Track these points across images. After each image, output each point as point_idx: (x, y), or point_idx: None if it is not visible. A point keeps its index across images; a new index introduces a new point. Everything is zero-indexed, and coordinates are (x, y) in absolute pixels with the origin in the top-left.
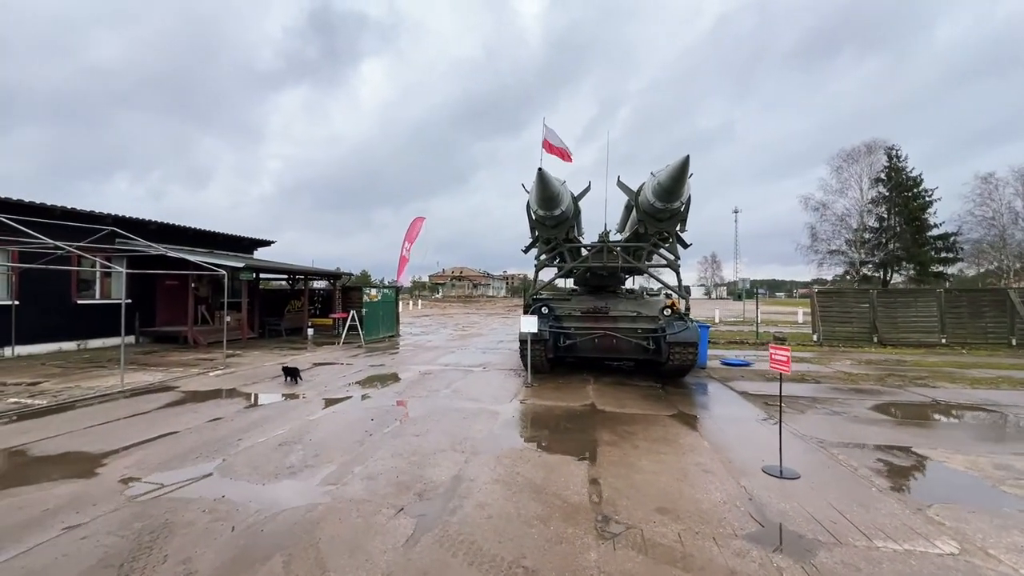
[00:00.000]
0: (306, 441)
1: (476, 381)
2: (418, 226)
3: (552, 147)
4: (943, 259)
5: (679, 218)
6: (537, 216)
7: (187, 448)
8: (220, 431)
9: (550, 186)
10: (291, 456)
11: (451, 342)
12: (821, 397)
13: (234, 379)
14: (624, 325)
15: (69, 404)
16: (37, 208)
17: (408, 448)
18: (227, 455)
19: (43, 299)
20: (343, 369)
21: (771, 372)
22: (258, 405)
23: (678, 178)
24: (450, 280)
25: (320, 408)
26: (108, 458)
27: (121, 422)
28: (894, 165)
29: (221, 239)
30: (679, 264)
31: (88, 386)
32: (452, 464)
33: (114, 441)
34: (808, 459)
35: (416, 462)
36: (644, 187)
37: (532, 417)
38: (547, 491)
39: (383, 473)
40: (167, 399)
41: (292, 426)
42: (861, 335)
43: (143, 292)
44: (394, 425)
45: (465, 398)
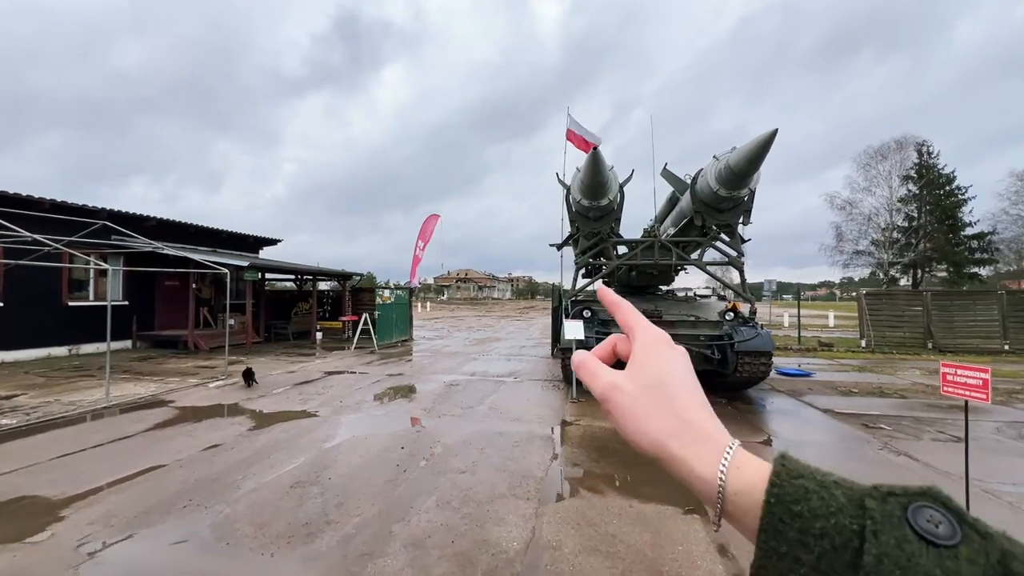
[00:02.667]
0: (324, 480)
1: (511, 395)
2: (432, 224)
3: (576, 137)
4: (978, 260)
5: (743, 208)
6: (580, 207)
7: (174, 491)
8: (217, 464)
9: (602, 170)
10: (307, 505)
11: (470, 347)
12: (924, 417)
13: (237, 391)
14: (683, 332)
15: (41, 425)
16: (24, 200)
17: (456, 492)
18: (225, 502)
19: (31, 300)
20: (358, 379)
21: (842, 384)
22: (264, 426)
23: (756, 159)
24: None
25: (337, 431)
26: (69, 507)
27: (98, 450)
28: (925, 162)
29: (224, 237)
30: (743, 261)
31: (69, 400)
32: (520, 519)
33: (83, 479)
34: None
35: (472, 516)
36: (703, 173)
37: (594, 444)
38: (666, 569)
39: (431, 535)
40: (158, 417)
41: (306, 457)
42: (914, 340)
43: (141, 293)
44: (430, 455)
45: (506, 417)
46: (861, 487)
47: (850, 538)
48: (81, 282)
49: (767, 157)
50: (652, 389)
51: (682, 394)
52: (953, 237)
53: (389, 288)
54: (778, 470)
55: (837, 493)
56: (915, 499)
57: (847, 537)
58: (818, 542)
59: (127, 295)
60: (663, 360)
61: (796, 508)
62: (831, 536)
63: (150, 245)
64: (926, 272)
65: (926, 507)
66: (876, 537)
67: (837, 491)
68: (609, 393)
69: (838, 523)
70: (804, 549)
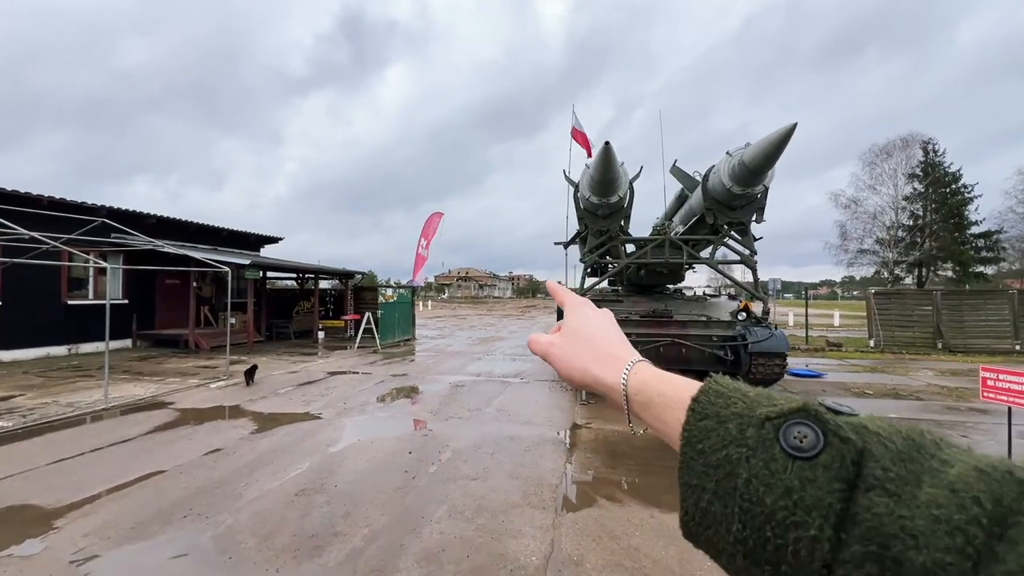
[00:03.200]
0: (330, 488)
1: (519, 396)
2: (435, 222)
3: (580, 136)
4: (984, 259)
5: (756, 205)
6: (589, 205)
7: (174, 499)
8: (219, 470)
9: (613, 166)
10: (313, 515)
11: (473, 347)
12: (944, 420)
13: (239, 392)
14: (695, 332)
15: (38, 427)
16: (22, 198)
17: (469, 501)
18: (227, 511)
19: (29, 299)
20: (361, 380)
21: (855, 385)
22: (267, 430)
23: (773, 154)
24: (456, 281)
25: (342, 434)
26: (64, 517)
27: (95, 455)
28: (931, 160)
29: (225, 235)
30: (756, 260)
31: (68, 402)
32: (537, 530)
33: (79, 486)
34: None
35: (486, 527)
36: (715, 170)
37: (608, 449)
38: None
39: (445, 548)
40: (158, 420)
41: (311, 462)
42: (923, 340)
43: (142, 292)
44: (440, 461)
45: (515, 420)
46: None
47: (735, 466)
48: (80, 280)
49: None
50: (576, 336)
51: (598, 335)
52: (959, 236)
53: (391, 287)
54: (688, 416)
55: (731, 427)
56: (789, 418)
57: (733, 466)
58: (715, 472)
59: (127, 294)
60: (583, 315)
61: (699, 447)
62: (723, 466)
63: (150, 243)
64: (931, 271)
65: (797, 423)
66: (748, 462)
67: (732, 424)
68: (547, 348)
69: (728, 455)
70: (707, 479)
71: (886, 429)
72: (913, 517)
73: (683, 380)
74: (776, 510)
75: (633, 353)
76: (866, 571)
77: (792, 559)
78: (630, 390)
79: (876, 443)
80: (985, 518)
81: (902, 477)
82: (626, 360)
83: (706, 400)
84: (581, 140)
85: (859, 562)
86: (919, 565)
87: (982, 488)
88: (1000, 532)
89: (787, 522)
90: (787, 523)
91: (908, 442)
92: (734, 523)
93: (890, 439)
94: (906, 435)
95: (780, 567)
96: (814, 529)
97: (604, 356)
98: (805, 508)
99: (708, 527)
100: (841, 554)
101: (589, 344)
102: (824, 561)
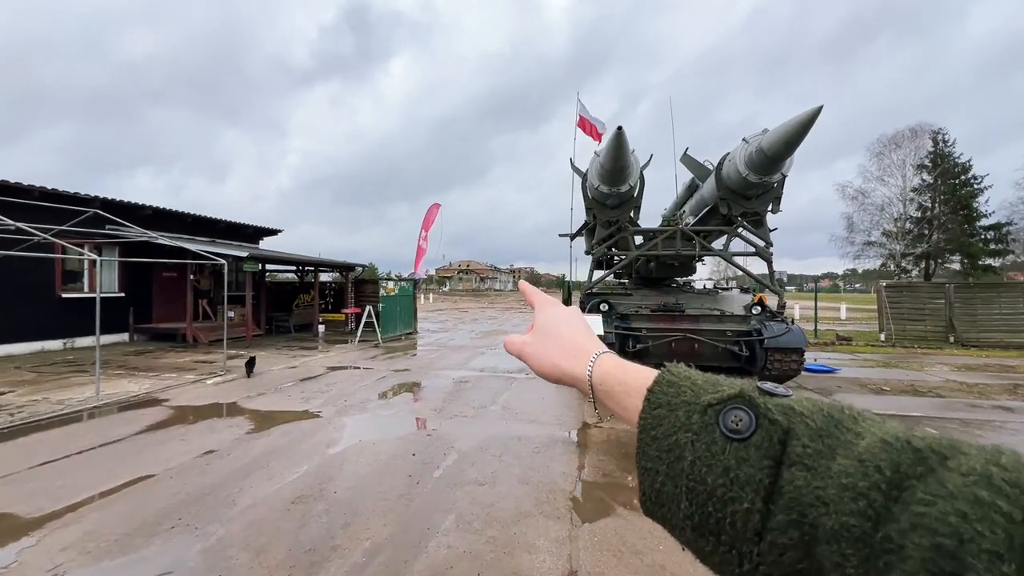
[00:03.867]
0: (329, 495)
1: (525, 393)
2: (434, 213)
3: (587, 124)
4: (993, 251)
5: (773, 195)
6: (598, 194)
7: (162, 507)
8: (212, 474)
9: (625, 153)
10: (310, 526)
11: (476, 341)
12: (971, 419)
13: (236, 388)
14: (708, 326)
15: (25, 427)
16: (12, 188)
17: (477, 510)
18: (218, 521)
19: (22, 292)
20: (362, 375)
21: (871, 381)
22: (264, 429)
23: (794, 141)
24: (457, 274)
25: (342, 434)
26: (43, 527)
27: (82, 457)
28: (940, 151)
29: (223, 227)
30: (771, 252)
31: (58, 399)
32: (552, 544)
33: (62, 493)
34: None
35: (497, 540)
36: (730, 158)
37: (622, 451)
38: None
39: (453, 565)
40: (150, 419)
41: (308, 466)
42: (935, 334)
43: (138, 285)
44: (445, 464)
45: (522, 419)
46: (697, 403)
47: (683, 450)
48: (75, 273)
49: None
50: (545, 334)
51: (565, 331)
52: (968, 228)
53: (392, 280)
54: (644, 404)
55: (680, 414)
56: (728, 404)
57: (681, 449)
58: (667, 456)
59: (123, 287)
60: (551, 314)
61: (653, 433)
62: (673, 450)
63: (144, 235)
64: (939, 263)
65: (734, 408)
66: (693, 445)
67: (681, 411)
68: (521, 348)
69: (677, 440)
70: (660, 462)
71: (809, 409)
72: (825, 487)
73: (643, 370)
74: (716, 487)
75: (598, 345)
76: (789, 536)
77: (730, 529)
78: (594, 380)
79: (800, 422)
80: (884, 483)
81: (819, 452)
82: (591, 352)
83: (659, 390)
84: (589, 129)
85: (783, 529)
86: (829, 528)
87: (883, 457)
88: (897, 495)
89: (725, 498)
90: (725, 499)
91: (828, 419)
92: (682, 501)
93: (812, 417)
94: (827, 413)
95: (720, 537)
96: (747, 503)
97: (571, 350)
98: (740, 484)
99: (663, 505)
100: (769, 523)
101: (557, 340)
102: (756, 530)
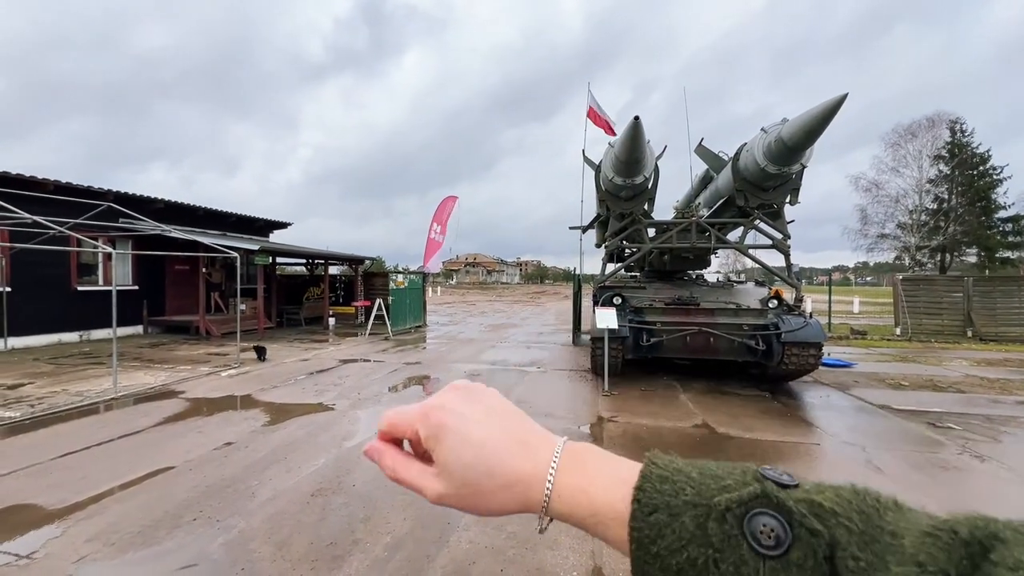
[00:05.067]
0: (348, 488)
1: (538, 386)
2: (450, 206)
3: (597, 117)
4: (1011, 243)
5: (791, 186)
6: (611, 186)
7: (183, 499)
8: (230, 466)
9: (640, 144)
10: (330, 519)
11: (486, 334)
12: (994, 415)
13: (250, 381)
14: (723, 320)
15: (45, 419)
16: (27, 182)
17: None
18: (239, 514)
19: (39, 285)
20: (374, 368)
21: (888, 376)
22: (280, 422)
23: (815, 130)
24: (464, 267)
25: (357, 427)
26: (68, 519)
27: (102, 448)
28: (957, 141)
29: (233, 220)
30: (789, 245)
31: (77, 390)
32: (574, 540)
33: (84, 484)
34: None
35: (518, 536)
36: (748, 148)
37: (640, 446)
38: None
39: (475, 560)
40: (168, 410)
41: (326, 458)
42: (953, 328)
43: (151, 278)
44: None
45: (537, 412)
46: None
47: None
48: (90, 266)
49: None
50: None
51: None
52: (985, 220)
53: (401, 272)
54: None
55: (687, 520)
56: (751, 507)
57: (699, 569)
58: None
59: (137, 279)
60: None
61: (653, 549)
62: (686, 570)
63: (157, 228)
64: (955, 256)
65: (761, 514)
66: (717, 567)
67: (687, 516)
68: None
69: (689, 556)
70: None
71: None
72: None
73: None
74: None
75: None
76: None
77: None
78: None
79: (839, 527)
80: None
81: (872, 564)
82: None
83: (650, 487)
84: (600, 121)
85: None
86: None
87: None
88: None
89: None
90: None
91: (864, 518)
92: None
93: (849, 519)
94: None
95: None
96: None
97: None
98: None
99: None
100: None
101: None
102: None
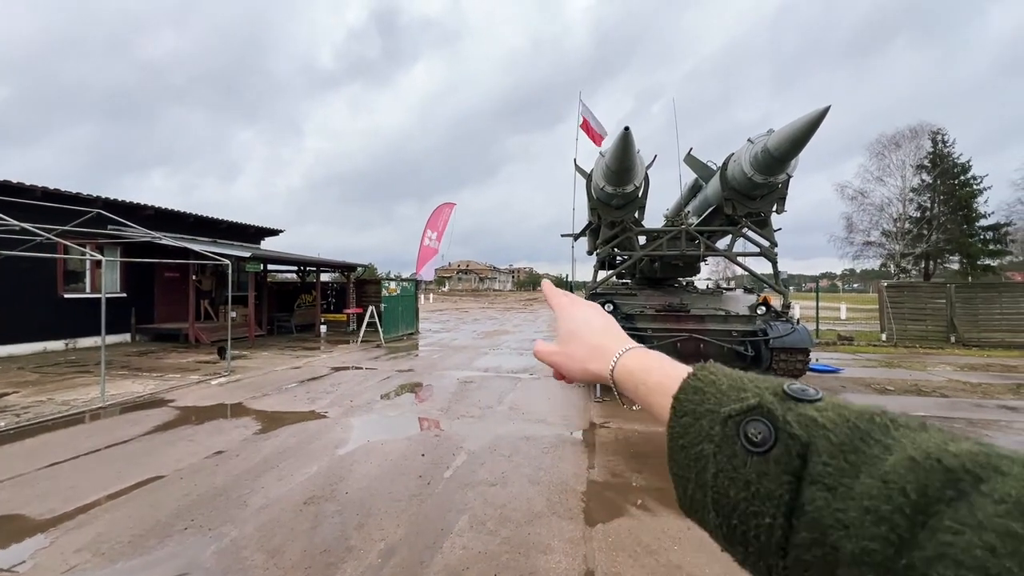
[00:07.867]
0: (341, 495)
1: (530, 393)
2: (446, 213)
3: (589, 127)
4: (992, 251)
5: (777, 195)
6: (602, 195)
7: (174, 508)
8: (221, 475)
9: (631, 153)
10: (323, 527)
11: (479, 340)
12: (976, 419)
13: (240, 389)
14: (713, 326)
15: (31, 428)
16: (14, 188)
17: (490, 510)
18: (231, 522)
19: (24, 292)
20: (366, 375)
21: (875, 381)
22: (271, 430)
23: (800, 140)
24: (456, 274)
25: (350, 434)
26: (56, 529)
27: (90, 458)
28: (939, 151)
29: (224, 227)
30: (776, 252)
31: (63, 399)
32: (567, 544)
33: (73, 494)
34: None
35: (511, 541)
36: (735, 158)
37: (631, 451)
38: None
39: (469, 566)
40: (157, 419)
41: (318, 466)
42: (936, 334)
43: (141, 285)
44: (455, 464)
45: (529, 419)
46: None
47: (707, 461)
48: (77, 274)
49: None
50: (569, 338)
51: (587, 333)
52: (967, 228)
53: (394, 279)
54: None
55: (704, 423)
56: (748, 415)
57: (705, 460)
58: (695, 464)
59: (125, 287)
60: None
61: (680, 442)
62: (699, 461)
63: (147, 235)
64: (938, 264)
65: (755, 420)
66: (715, 457)
67: (705, 420)
68: (551, 358)
69: (702, 450)
70: (689, 470)
71: (833, 420)
72: (847, 509)
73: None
74: (739, 501)
75: (622, 342)
76: (812, 554)
77: (755, 542)
78: (616, 380)
79: (821, 437)
80: (909, 507)
81: (841, 470)
82: (614, 351)
83: (684, 397)
84: (591, 132)
85: (807, 547)
86: (850, 552)
87: (910, 479)
88: (923, 520)
89: (748, 511)
90: (748, 512)
91: (853, 431)
92: (710, 511)
93: (835, 431)
94: (853, 424)
95: (748, 548)
96: (768, 518)
97: (594, 351)
98: (761, 499)
99: (696, 511)
100: (793, 539)
101: (580, 342)
102: (780, 545)
